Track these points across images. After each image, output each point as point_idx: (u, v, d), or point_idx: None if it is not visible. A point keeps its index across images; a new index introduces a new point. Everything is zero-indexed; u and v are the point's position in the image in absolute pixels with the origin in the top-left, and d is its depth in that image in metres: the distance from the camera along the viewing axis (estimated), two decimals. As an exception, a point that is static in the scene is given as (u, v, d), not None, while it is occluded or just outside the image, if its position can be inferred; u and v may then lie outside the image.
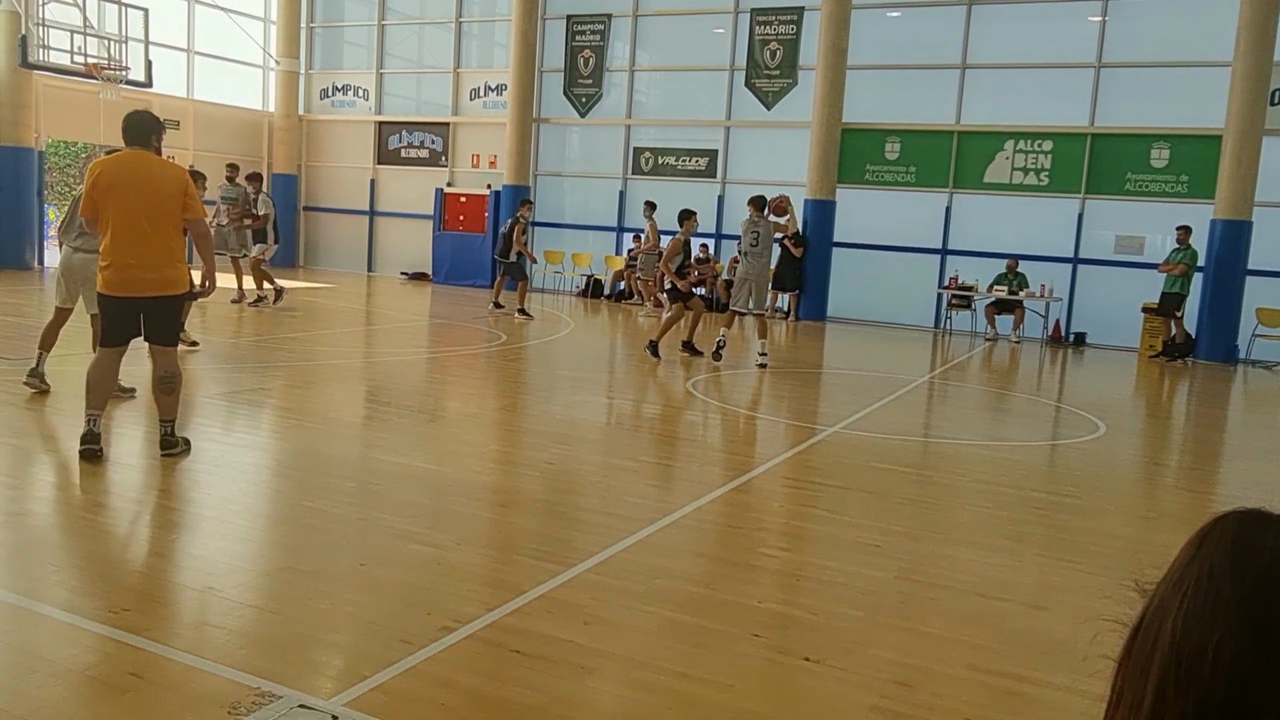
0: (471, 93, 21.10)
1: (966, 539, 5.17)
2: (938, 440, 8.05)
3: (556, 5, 20.00)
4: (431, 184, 21.16)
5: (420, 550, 4.45)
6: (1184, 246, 13.87)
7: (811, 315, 17.23)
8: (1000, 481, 6.49)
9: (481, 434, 7.21)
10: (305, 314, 14.38)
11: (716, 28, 18.68)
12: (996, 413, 9.96)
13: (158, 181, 5.37)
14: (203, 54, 21.09)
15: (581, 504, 5.54)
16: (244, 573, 4.13)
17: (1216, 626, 0.71)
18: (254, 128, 22.55)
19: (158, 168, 5.47)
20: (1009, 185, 16.41)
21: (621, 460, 6.60)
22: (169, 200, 5.37)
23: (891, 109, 17.22)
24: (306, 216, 23.21)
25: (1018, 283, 15.53)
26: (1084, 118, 15.87)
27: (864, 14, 16.98)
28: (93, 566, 4.19)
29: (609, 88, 19.67)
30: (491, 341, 12.34)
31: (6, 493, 5.11)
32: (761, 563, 4.66)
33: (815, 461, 6.85)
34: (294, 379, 8.93)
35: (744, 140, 18.63)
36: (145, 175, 5.38)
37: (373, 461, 6.15)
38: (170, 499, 5.21)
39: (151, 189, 5.34)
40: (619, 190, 19.58)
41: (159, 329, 5.56)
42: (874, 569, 4.55)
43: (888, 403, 9.38)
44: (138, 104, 6.67)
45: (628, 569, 4.34)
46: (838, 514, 5.51)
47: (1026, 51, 16.33)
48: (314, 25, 22.81)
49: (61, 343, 7.35)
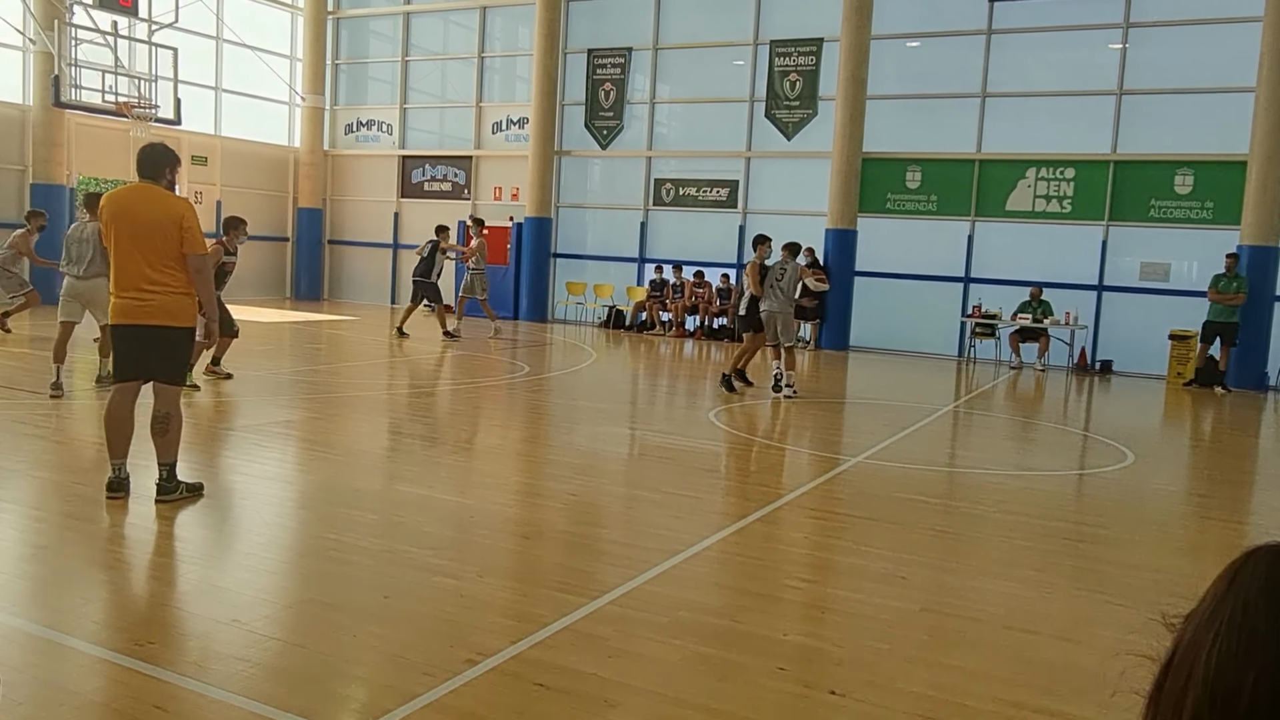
0: (494, 126, 21.32)
1: (993, 570, 5.11)
2: (963, 470, 7.98)
3: (577, 39, 20.23)
4: (454, 216, 21.33)
5: (443, 582, 4.44)
6: (1235, 274, 13.69)
7: (834, 344, 17.19)
8: (1027, 512, 6.41)
9: (504, 465, 7.21)
10: (329, 346, 14.49)
11: (736, 60, 18.81)
12: (1022, 442, 9.86)
13: (153, 214, 5.36)
14: (230, 91, 21.46)
15: (605, 535, 5.52)
16: (268, 605, 4.14)
17: (1252, 663, 0.69)
18: (280, 163, 22.86)
19: (156, 201, 5.43)
20: (1032, 213, 16.35)
21: (644, 491, 6.58)
22: (164, 233, 5.34)
23: (912, 138, 17.23)
24: (331, 250, 23.45)
25: (1042, 310, 15.43)
26: (1106, 145, 15.82)
27: (883, 44, 17.05)
28: (118, 599, 4.21)
29: (630, 120, 19.82)
30: (514, 373, 12.37)
31: (35, 525, 5.16)
32: (786, 595, 4.62)
33: (839, 492, 6.81)
34: (318, 410, 8.98)
35: (765, 171, 18.69)
36: (144, 208, 5.39)
37: (396, 493, 6.16)
38: (194, 531, 5.23)
39: (147, 221, 5.34)
40: (640, 221, 19.66)
41: (160, 363, 5.48)
42: (900, 601, 4.50)
43: (912, 432, 9.31)
44: (168, 141, 6.73)
45: (651, 601, 4.32)
46: (863, 545, 5.46)
47: (1047, 79, 16.32)
48: (339, 62, 23.18)
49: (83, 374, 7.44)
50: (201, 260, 5.53)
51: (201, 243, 5.53)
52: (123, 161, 18.22)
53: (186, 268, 5.45)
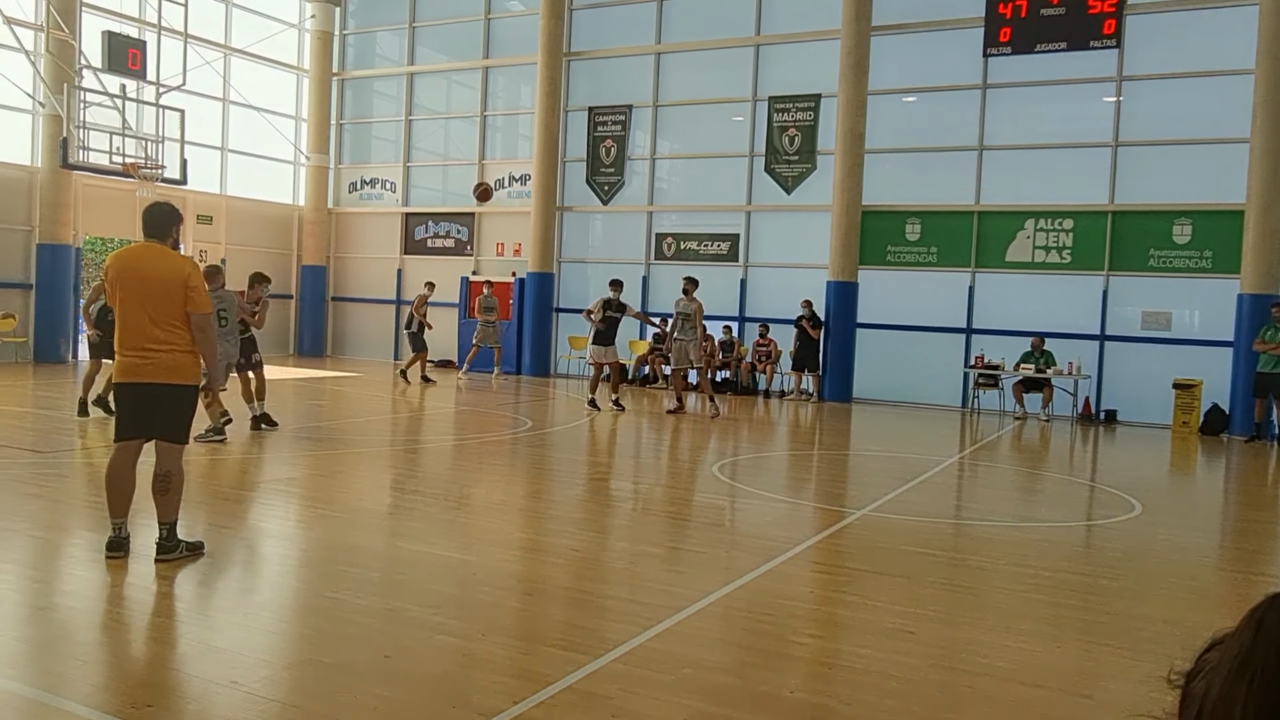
0: (496, 183, 21.53)
1: (1003, 624, 5.04)
2: (970, 522, 7.91)
3: (578, 97, 20.51)
4: (457, 272, 21.47)
5: (446, 641, 4.38)
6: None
7: (837, 397, 17.16)
8: (1036, 564, 6.35)
9: (506, 521, 7.16)
10: (332, 401, 14.48)
11: (735, 115, 19.05)
12: (1029, 493, 9.80)
13: (159, 273, 5.42)
14: (236, 151, 21.73)
15: (608, 592, 5.46)
16: (268, 666, 4.08)
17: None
18: (284, 221, 23.07)
19: (161, 260, 5.49)
20: (1031, 264, 16.43)
21: (648, 546, 6.52)
22: (168, 292, 5.39)
23: (911, 190, 17.38)
24: (334, 307, 23.56)
25: (1045, 360, 15.43)
26: (1104, 195, 15.94)
27: (880, 99, 17.27)
28: (116, 661, 4.16)
29: (630, 175, 20.02)
30: (517, 428, 12.35)
31: (33, 586, 5.11)
32: (793, 651, 4.55)
33: (845, 545, 6.74)
34: (320, 467, 8.95)
35: (765, 224, 18.82)
36: (148, 267, 5.44)
37: (397, 550, 6.11)
38: (194, 590, 5.18)
39: (153, 280, 5.39)
40: (642, 275, 19.76)
41: (163, 421, 5.49)
42: (909, 656, 4.43)
43: (917, 484, 9.26)
44: (174, 200, 6.80)
45: (656, 659, 4.26)
46: (870, 599, 5.39)
47: (1043, 131, 16.50)
48: (343, 122, 23.50)
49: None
50: (205, 319, 5.56)
51: (206, 302, 5.57)
52: (129, 221, 18.37)
53: (190, 326, 5.48)
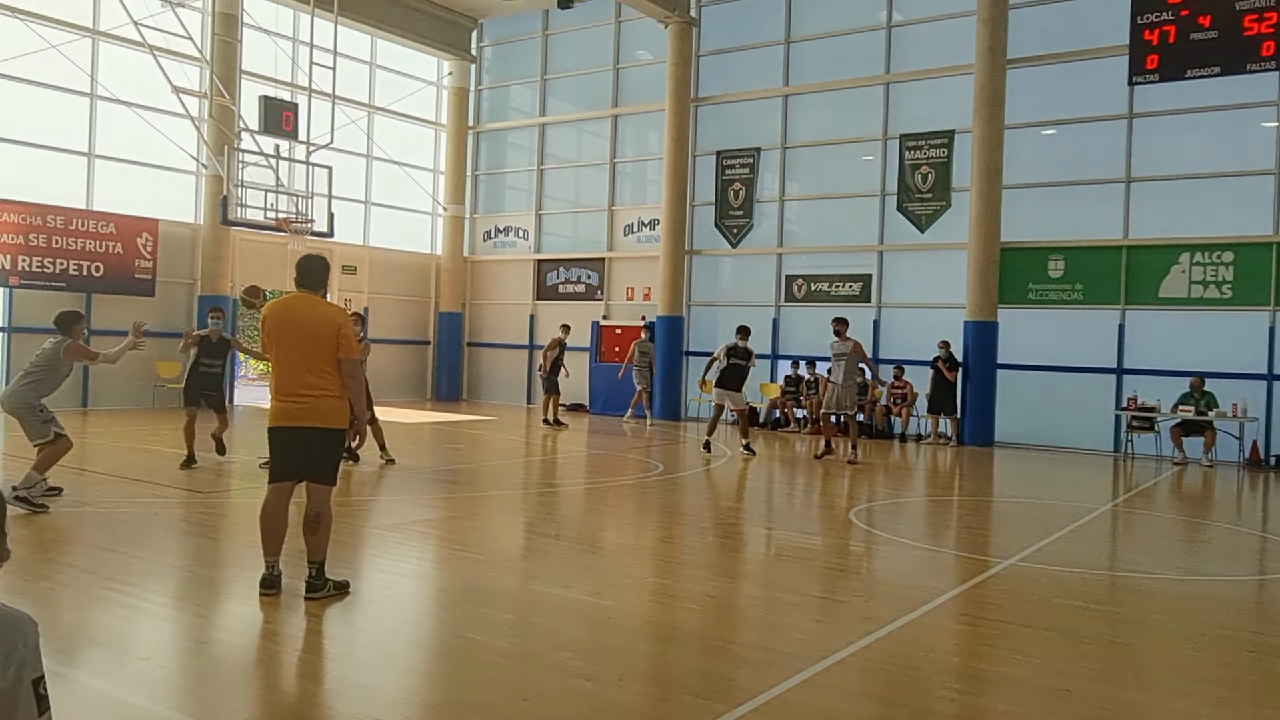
0: (625, 228, 21.84)
1: (1167, 684, 4.70)
2: (1127, 574, 7.45)
3: (706, 142, 20.67)
4: (588, 317, 21.80)
5: (581, 685, 4.37)
6: None
7: (977, 440, 16.55)
8: (1202, 620, 5.91)
9: (640, 565, 7.13)
10: (468, 445, 14.83)
11: (865, 155, 18.83)
12: (1192, 544, 9.17)
13: (313, 321, 5.70)
14: (378, 204, 22.79)
15: (744, 639, 5.35)
16: (409, 705, 4.14)
17: None
18: (423, 270, 23.95)
19: (314, 309, 5.77)
20: (1188, 300, 15.57)
21: (784, 594, 6.38)
22: (322, 339, 5.65)
23: (1053, 226, 16.76)
24: (470, 351, 24.24)
25: (1205, 402, 14.51)
26: (1268, 226, 15.01)
27: (1017, 133, 16.79)
28: (267, 695, 4.30)
29: (759, 218, 19.98)
30: (649, 472, 12.35)
31: (194, 621, 5.36)
32: (939, 707, 4.35)
33: (992, 596, 6.44)
34: (457, 509, 9.14)
35: (898, 264, 18.46)
36: (304, 316, 5.72)
37: (532, 593, 6.16)
38: (340, 629, 5.33)
39: (307, 329, 5.67)
40: (772, 318, 19.63)
41: (312, 463, 5.72)
42: (1065, 716, 4.17)
43: (1068, 533, 8.80)
44: (321, 252, 7.15)
45: (794, 710, 4.13)
46: (1020, 654, 5.12)
47: (1196, 161, 15.69)
48: (478, 173, 24.33)
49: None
50: (354, 365, 5.79)
51: (355, 348, 5.82)
52: (280, 272, 19.43)
53: (340, 372, 5.72)
